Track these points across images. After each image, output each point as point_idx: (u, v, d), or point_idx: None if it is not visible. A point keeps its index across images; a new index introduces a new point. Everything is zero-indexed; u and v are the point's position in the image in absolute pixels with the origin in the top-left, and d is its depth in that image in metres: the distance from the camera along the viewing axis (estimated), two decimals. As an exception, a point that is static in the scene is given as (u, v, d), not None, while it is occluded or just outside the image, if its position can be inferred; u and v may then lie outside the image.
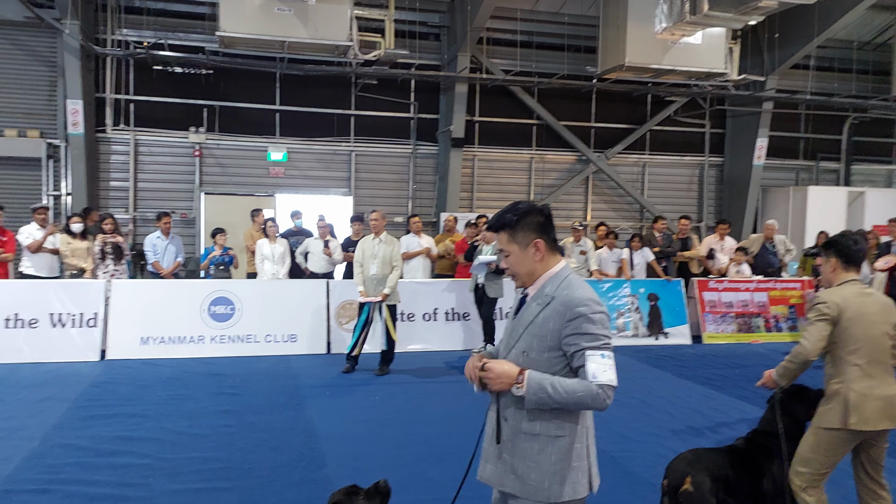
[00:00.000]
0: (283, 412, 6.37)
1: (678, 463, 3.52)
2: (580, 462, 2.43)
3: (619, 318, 10.21)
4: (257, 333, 8.84)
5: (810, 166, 16.34)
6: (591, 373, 2.28)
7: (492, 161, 14.32)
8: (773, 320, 10.59)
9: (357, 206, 13.27)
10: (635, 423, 6.26)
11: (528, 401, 2.32)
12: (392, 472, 4.85)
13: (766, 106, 14.53)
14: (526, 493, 2.41)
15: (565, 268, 2.50)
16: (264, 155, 12.96)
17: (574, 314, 2.32)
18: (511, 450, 2.44)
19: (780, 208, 15.22)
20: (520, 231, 2.44)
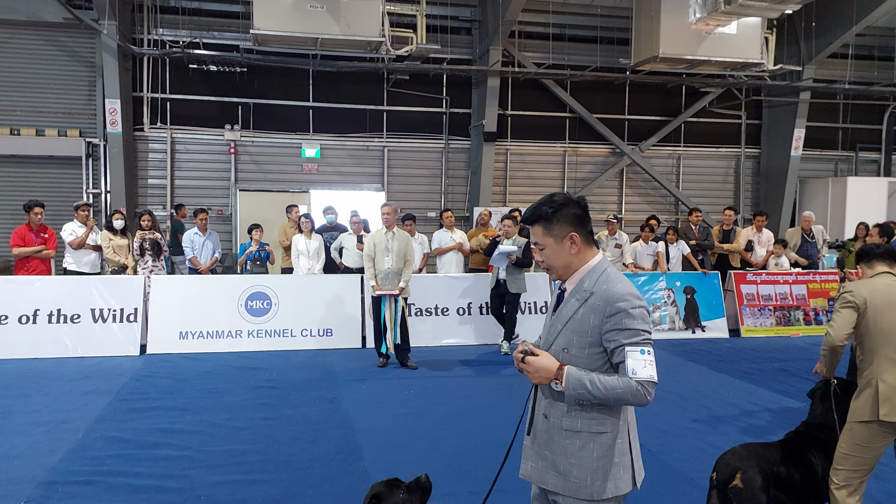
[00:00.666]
0: (320, 405, 6.43)
1: (729, 457, 3.45)
2: (622, 458, 2.40)
3: (656, 312, 10.09)
4: (293, 328, 8.94)
5: (849, 157, 15.95)
6: (631, 369, 2.24)
7: (525, 155, 14.26)
8: (813, 313, 10.38)
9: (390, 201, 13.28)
10: (672, 417, 6.19)
11: (568, 396, 2.31)
12: (428, 464, 4.89)
13: (803, 96, 14.23)
14: (568, 491, 2.39)
15: (603, 261, 2.46)
16: (298, 151, 13.09)
17: (614, 309, 2.29)
18: (552, 447, 2.43)
19: (819, 200, 14.89)
20: (556, 224, 2.40)
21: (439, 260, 9.88)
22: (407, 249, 7.95)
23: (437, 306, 9.37)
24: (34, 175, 12.14)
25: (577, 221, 2.42)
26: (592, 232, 2.49)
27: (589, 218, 2.47)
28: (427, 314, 9.31)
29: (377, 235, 7.94)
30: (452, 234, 9.85)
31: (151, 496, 4.40)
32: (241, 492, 4.49)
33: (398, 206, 8.50)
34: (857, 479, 3.48)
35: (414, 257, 8.29)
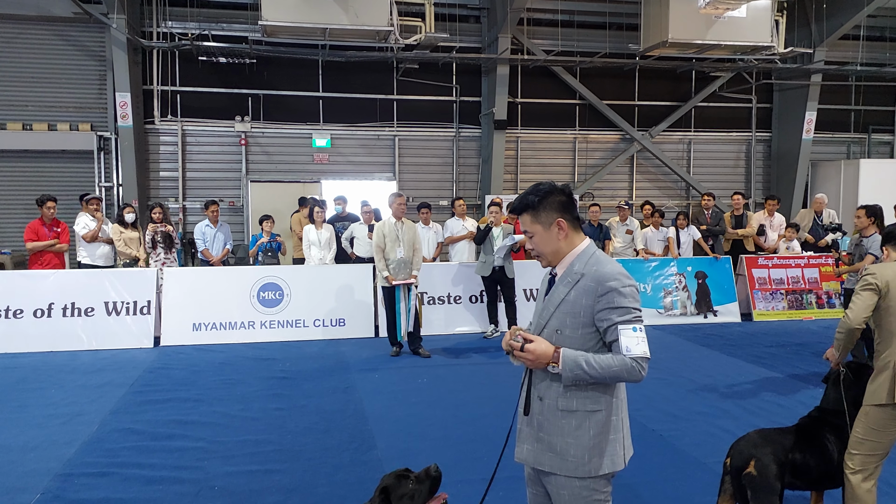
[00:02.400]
0: (333, 395, 6.48)
1: (743, 444, 3.44)
2: (616, 434, 2.47)
3: (667, 297, 10.08)
4: (306, 318, 8.99)
5: (862, 139, 15.76)
6: (625, 346, 2.31)
7: (535, 142, 14.20)
8: (826, 296, 10.32)
9: (402, 190, 13.32)
10: (684, 401, 6.20)
11: (565, 378, 2.36)
12: (441, 452, 4.93)
13: (814, 79, 14.05)
14: (565, 470, 2.45)
15: (591, 245, 2.54)
16: (309, 142, 13.10)
17: (605, 289, 2.37)
18: (548, 428, 2.48)
19: (831, 183, 14.75)
20: (542, 211, 2.49)
21: (451, 248, 9.88)
22: (415, 238, 8.02)
23: (449, 294, 9.40)
24: (46, 169, 12.23)
25: (563, 208, 2.50)
26: (578, 217, 2.57)
27: (574, 204, 2.56)
28: (439, 302, 9.34)
29: (386, 226, 7.97)
30: (464, 223, 9.84)
31: (166, 487, 4.46)
32: (255, 482, 4.54)
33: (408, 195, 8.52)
34: (873, 463, 3.46)
35: (422, 246, 8.37)
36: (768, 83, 14.92)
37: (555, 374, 2.40)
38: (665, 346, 8.60)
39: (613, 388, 2.48)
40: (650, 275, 10.12)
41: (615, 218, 10.99)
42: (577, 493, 2.46)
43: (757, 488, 3.29)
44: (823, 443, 3.50)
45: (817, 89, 14.20)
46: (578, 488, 2.45)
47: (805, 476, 3.45)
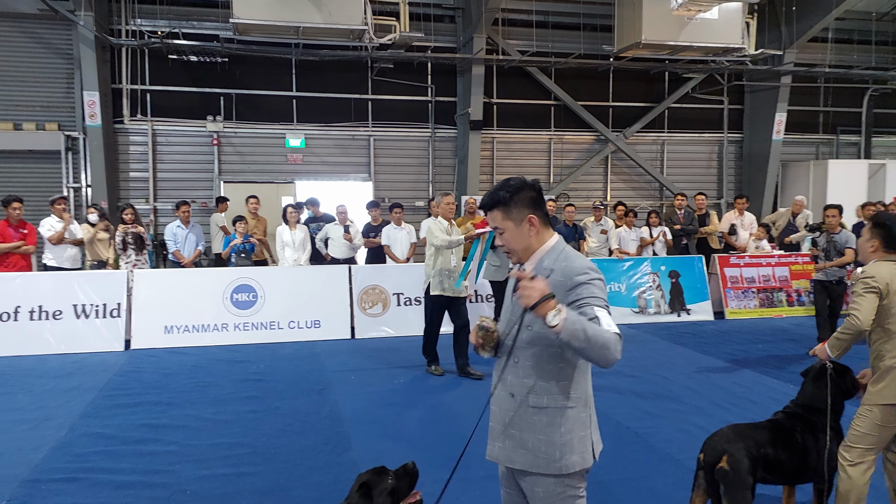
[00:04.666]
0: (309, 397, 6.41)
1: (716, 439, 3.46)
2: (586, 431, 2.47)
3: (641, 296, 10.15)
4: (280, 320, 8.90)
5: (830, 140, 16.07)
6: (606, 323, 2.26)
7: (511, 143, 14.24)
8: (796, 294, 10.48)
9: (377, 191, 13.30)
10: (658, 399, 6.24)
11: (564, 329, 2.16)
12: (417, 452, 4.90)
13: (784, 80, 14.29)
14: (537, 467, 2.44)
15: (560, 241, 2.54)
16: (282, 142, 13.00)
17: (574, 283, 2.37)
18: (520, 425, 2.47)
19: (801, 183, 15.00)
20: (514, 207, 2.47)
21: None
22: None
23: (424, 295, 9.35)
24: (12, 170, 11.96)
25: (533, 204, 2.49)
26: (548, 214, 2.56)
27: (544, 200, 2.54)
28: (416, 303, 9.28)
29: (443, 227, 7.06)
30: (439, 224, 9.78)
31: (136, 492, 4.36)
32: (228, 485, 4.47)
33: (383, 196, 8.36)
34: (872, 455, 3.52)
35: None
36: (739, 85, 15.14)
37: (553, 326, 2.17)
38: (640, 344, 8.66)
39: (583, 384, 2.48)
40: (624, 274, 10.19)
41: (590, 218, 11.05)
42: (552, 490, 2.45)
43: (729, 483, 3.32)
44: (796, 438, 3.53)
45: (787, 91, 14.44)
46: (553, 485, 2.45)
47: (777, 471, 3.48)
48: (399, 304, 9.15)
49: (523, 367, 2.42)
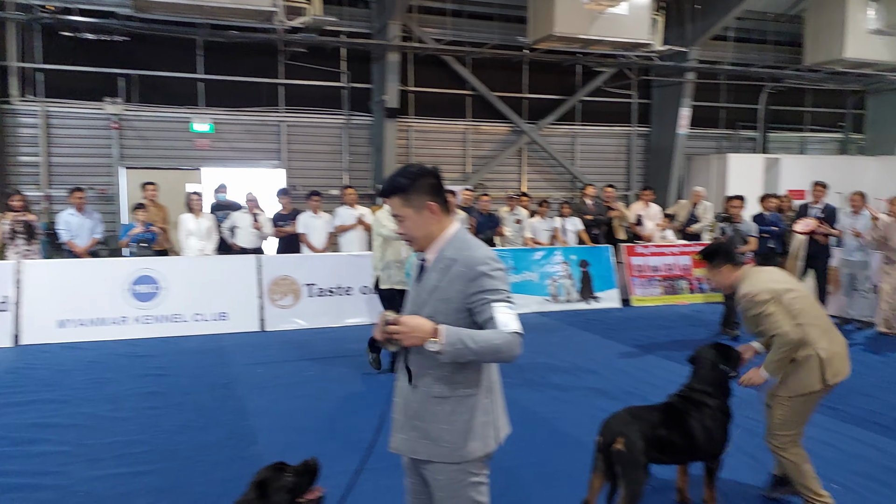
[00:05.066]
0: (213, 391, 6.20)
1: (613, 422, 3.57)
2: (488, 416, 2.48)
3: (553, 285, 10.36)
4: (184, 312, 8.54)
5: (730, 135, 16.89)
6: (503, 322, 2.30)
7: (427, 132, 14.19)
8: (697, 282, 10.97)
9: (290, 178, 12.96)
10: (566, 384, 6.39)
11: (446, 353, 2.27)
12: (325, 444, 4.82)
13: (688, 76, 14.86)
14: (440, 456, 2.44)
15: (461, 229, 2.53)
16: (187, 126, 12.45)
17: (476, 273, 2.35)
18: (423, 415, 2.46)
19: (703, 176, 15.69)
20: (413, 194, 2.44)
21: (341, 238, 9.68)
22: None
23: (339, 286, 9.20)
24: None
25: (433, 191, 2.46)
26: (448, 201, 2.53)
27: (443, 187, 2.52)
28: (329, 294, 9.13)
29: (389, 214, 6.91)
30: (354, 211, 9.65)
31: (25, 495, 4.11)
32: (123, 485, 4.25)
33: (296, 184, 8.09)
34: (798, 433, 3.75)
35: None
36: (647, 80, 15.65)
37: (431, 353, 2.30)
38: (550, 331, 8.85)
39: (487, 370, 2.49)
40: (537, 263, 10.37)
41: (505, 208, 11.18)
42: (454, 477, 2.46)
43: (625, 463, 3.43)
44: (689, 420, 3.67)
45: (691, 87, 15.03)
46: (455, 472, 2.45)
47: (670, 451, 3.62)
48: (311, 295, 8.98)
49: (425, 359, 2.39)
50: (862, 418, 5.42)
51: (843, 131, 18.11)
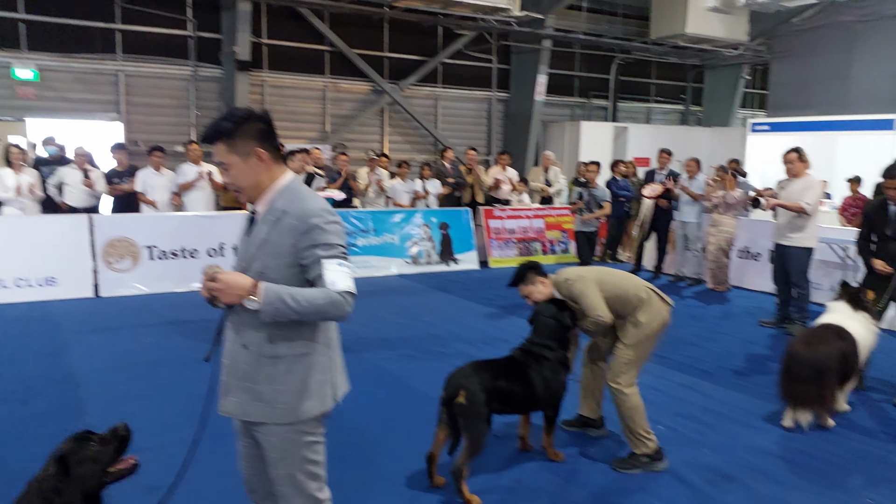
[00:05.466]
0: (38, 361, 5.65)
1: (455, 377, 3.62)
2: (325, 375, 2.40)
3: (414, 247, 10.37)
4: (6, 278, 7.70)
5: (583, 103, 17.62)
6: (330, 281, 2.20)
7: (283, 88, 13.62)
8: (549, 244, 11.42)
9: (129, 132, 12.00)
10: (420, 343, 6.44)
11: (265, 313, 2.17)
12: (160, 412, 4.57)
13: (545, 44, 15.24)
14: (274, 418, 2.34)
15: (294, 179, 2.40)
16: (8, 72, 11.13)
17: (308, 226, 2.24)
18: (255, 377, 2.34)
19: (558, 142, 16.30)
20: (239, 140, 2.28)
21: (185, 197, 9.08)
22: None
23: (184, 248, 8.66)
24: None
25: (262, 136, 2.31)
26: (280, 148, 2.40)
27: (275, 133, 2.37)
28: (172, 257, 8.58)
29: None
30: (200, 168, 9.07)
31: None
32: (-83, 468, 3.76)
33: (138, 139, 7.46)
34: (637, 373, 3.99)
35: None
36: (507, 45, 15.90)
37: (254, 311, 2.18)
38: (410, 293, 8.88)
39: (324, 327, 2.39)
40: (397, 225, 10.32)
41: (364, 169, 10.99)
42: (287, 437, 2.37)
43: (466, 415, 3.50)
44: (529, 372, 3.80)
45: (548, 54, 15.44)
46: (288, 433, 2.36)
47: (511, 402, 3.74)
48: (152, 258, 8.39)
49: (255, 317, 2.23)
50: (687, 365, 5.89)
51: (684, 103, 19.45)
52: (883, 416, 4.80)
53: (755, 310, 8.06)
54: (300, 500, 2.42)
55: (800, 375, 4.39)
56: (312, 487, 2.43)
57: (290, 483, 2.40)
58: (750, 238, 9.39)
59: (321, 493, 2.46)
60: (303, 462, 2.40)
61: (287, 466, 2.38)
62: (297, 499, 2.42)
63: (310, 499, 2.43)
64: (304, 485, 2.40)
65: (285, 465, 2.38)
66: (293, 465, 2.38)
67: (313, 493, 2.43)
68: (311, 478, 2.42)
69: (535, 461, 3.99)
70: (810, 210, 6.81)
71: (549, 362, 3.85)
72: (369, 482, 3.71)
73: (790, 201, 6.89)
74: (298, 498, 2.42)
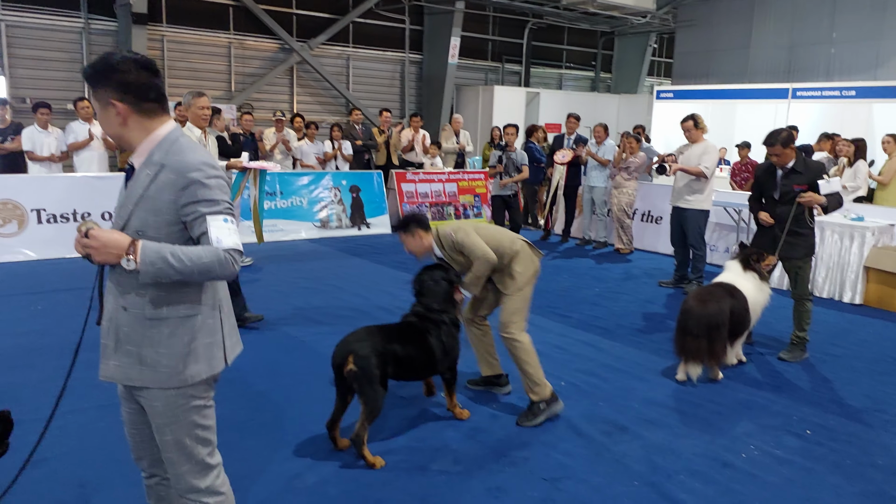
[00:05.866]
0: None
1: (345, 342, 3.58)
2: (214, 337, 2.30)
3: (323, 211, 10.19)
4: None
5: (497, 67, 17.65)
6: (216, 237, 2.09)
7: (184, 43, 12.95)
8: (462, 208, 11.48)
9: (14, 88, 11.15)
10: (329, 307, 6.36)
11: (144, 273, 2.04)
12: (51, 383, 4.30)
13: (458, 5, 15.12)
14: (158, 382, 2.23)
15: (175, 130, 2.24)
16: None
17: (188, 181, 2.10)
18: (137, 340, 2.22)
19: (472, 106, 16.32)
20: (99, 88, 2.13)
21: (76, 157, 8.54)
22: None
23: (75, 211, 8.18)
24: None
25: (123, 87, 2.12)
26: (160, 97, 2.21)
27: (146, 87, 2.15)
28: (63, 221, 8.08)
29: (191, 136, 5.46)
30: (92, 127, 8.53)
31: None
32: None
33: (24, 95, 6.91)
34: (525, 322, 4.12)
35: None
36: (419, 6, 15.66)
37: (132, 271, 2.05)
38: (319, 257, 8.74)
39: (211, 287, 2.28)
40: (306, 188, 10.09)
41: (271, 129, 10.63)
42: (172, 402, 2.26)
43: (359, 380, 3.46)
44: (427, 337, 3.80)
45: (461, 16, 15.33)
46: (174, 397, 2.25)
47: (406, 366, 3.71)
48: (41, 221, 7.89)
49: (136, 276, 2.10)
50: (588, 323, 6.09)
51: (594, 70, 19.83)
52: (769, 369, 5.12)
53: (655, 271, 8.41)
54: (189, 466, 2.33)
55: (693, 331, 4.61)
56: (202, 453, 2.35)
57: (177, 449, 2.31)
58: (651, 202, 9.75)
59: (211, 459, 2.38)
60: (191, 427, 2.31)
61: (174, 432, 2.29)
62: (186, 465, 2.33)
63: (199, 464, 2.35)
64: (192, 450, 2.32)
65: (172, 431, 2.29)
66: (181, 431, 2.29)
67: (203, 459, 2.35)
68: (200, 443, 2.34)
69: (439, 420, 4.04)
70: (709, 174, 7.13)
71: (445, 325, 3.87)
72: (271, 447, 3.65)
73: (690, 165, 7.17)
74: (188, 464, 2.33)
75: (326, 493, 3.22)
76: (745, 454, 3.73)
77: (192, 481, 2.34)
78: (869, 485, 3.46)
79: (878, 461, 3.72)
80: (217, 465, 2.41)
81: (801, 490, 3.38)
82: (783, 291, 6.90)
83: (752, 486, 3.40)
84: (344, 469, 3.44)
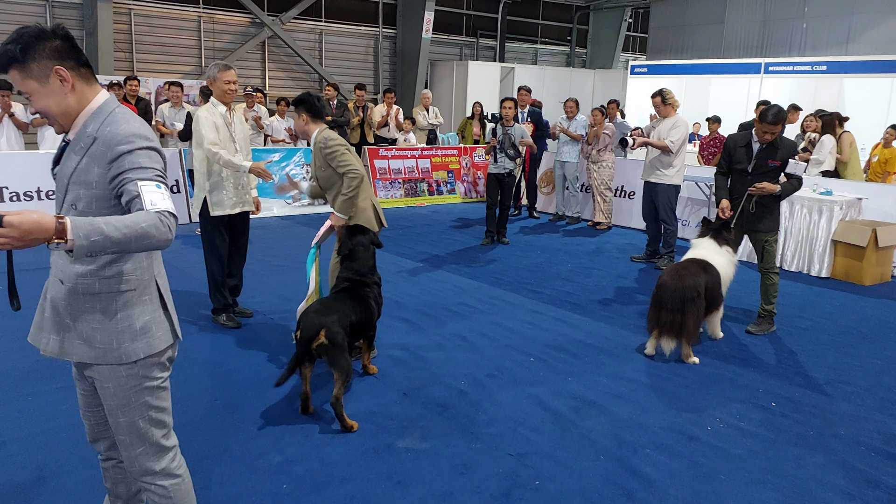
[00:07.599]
0: None
1: (312, 316, 3.65)
2: (156, 313, 2.23)
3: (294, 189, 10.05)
4: None
5: (471, 42, 17.48)
6: (150, 201, 1.97)
7: (152, 17, 12.62)
8: (436, 185, 11.41)
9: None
10: (300, 286, 6.28)
11: (80, 248, 1.85)
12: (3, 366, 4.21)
13: (433, -21, 14.93)
14: (96, 359, 2.17)
15: (110, 100, 2.14)
16: None
17: (117, 153, 2.01)
18: (73, 314, 2.16)
19: (446, 81, 16.16)
20: (32, 63, 1.99)
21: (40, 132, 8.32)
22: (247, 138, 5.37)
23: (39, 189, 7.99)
24: None
25: (60, 54, 2.02)
26: (87, 65, 2.11)
27: (78, 50, 2.08)
28: (27, 199, 7.89)
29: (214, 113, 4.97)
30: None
31: None
32: None
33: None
34: None
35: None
36: (393, -21, 15.43)
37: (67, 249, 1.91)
38: (290, 235, 8.64)
39: (145, 261, 2.20)
40: (277, 164, 9.94)
41: (242, 105, 10.44)
42: (124, 383, 2.19)
43: (331, 352, 3.59)
44: (367, 301, 4.07)
45: (435, -10, 15.13)
46: (125, 378, 2.19)
47: (356, 330, 3.93)
48: (3, 199, 7.69)
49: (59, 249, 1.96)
50: (560, 299, 6.10)
51: (570, 45, 19.73)
52: (736, 343, 5.17)
53: (628, 246, 8.44)
54: (143, 448, 2.29)
55: (668, 305, 4.63)
56: (157, 435, 2.30)
57: (131, 431, 2.26)
58: (624, 177, 9.76)
59: (167, 441, 2.34)
60: (144, 409, 2.25)
61: (127, 414, 2.23)
62: (141, 447, 2.28)
63: (154, 446, 2.30)
64: (147, 432, 2.27)
65: (125, 413, 2.23)
66: (134, 413, 2.24)
67: (158, 441, 2.30)
68: (154, 425, 2.29)
69: (406, 398, 4.02)
70: (674, 148, 7.12)
71: (376, 287, 4.20)
72: (236, 425, 3.61)
73: (658, 140, 7.17)
74: (142, 446, 2.28)
75: (291, 472, 3.20)
76: (711, 427, 3.76)
77: (146, 464, 2.29)
78: (831, 455, 3.51)
79: (840, 431, 3.77)
80: (173, 447, 2.36)
81: (764, 462, 3.42)
82: (751, 264, 6.97)
83: (717, 458, 3.43)
84: (309, 448, 3.41)
